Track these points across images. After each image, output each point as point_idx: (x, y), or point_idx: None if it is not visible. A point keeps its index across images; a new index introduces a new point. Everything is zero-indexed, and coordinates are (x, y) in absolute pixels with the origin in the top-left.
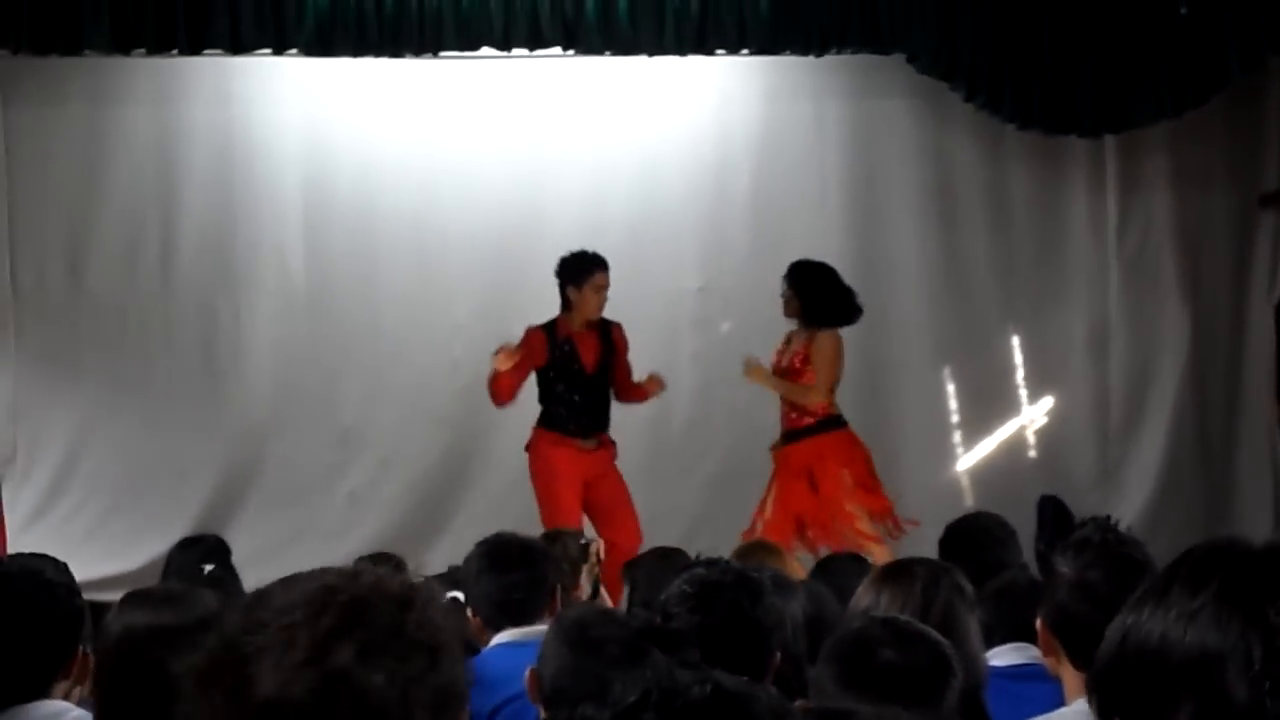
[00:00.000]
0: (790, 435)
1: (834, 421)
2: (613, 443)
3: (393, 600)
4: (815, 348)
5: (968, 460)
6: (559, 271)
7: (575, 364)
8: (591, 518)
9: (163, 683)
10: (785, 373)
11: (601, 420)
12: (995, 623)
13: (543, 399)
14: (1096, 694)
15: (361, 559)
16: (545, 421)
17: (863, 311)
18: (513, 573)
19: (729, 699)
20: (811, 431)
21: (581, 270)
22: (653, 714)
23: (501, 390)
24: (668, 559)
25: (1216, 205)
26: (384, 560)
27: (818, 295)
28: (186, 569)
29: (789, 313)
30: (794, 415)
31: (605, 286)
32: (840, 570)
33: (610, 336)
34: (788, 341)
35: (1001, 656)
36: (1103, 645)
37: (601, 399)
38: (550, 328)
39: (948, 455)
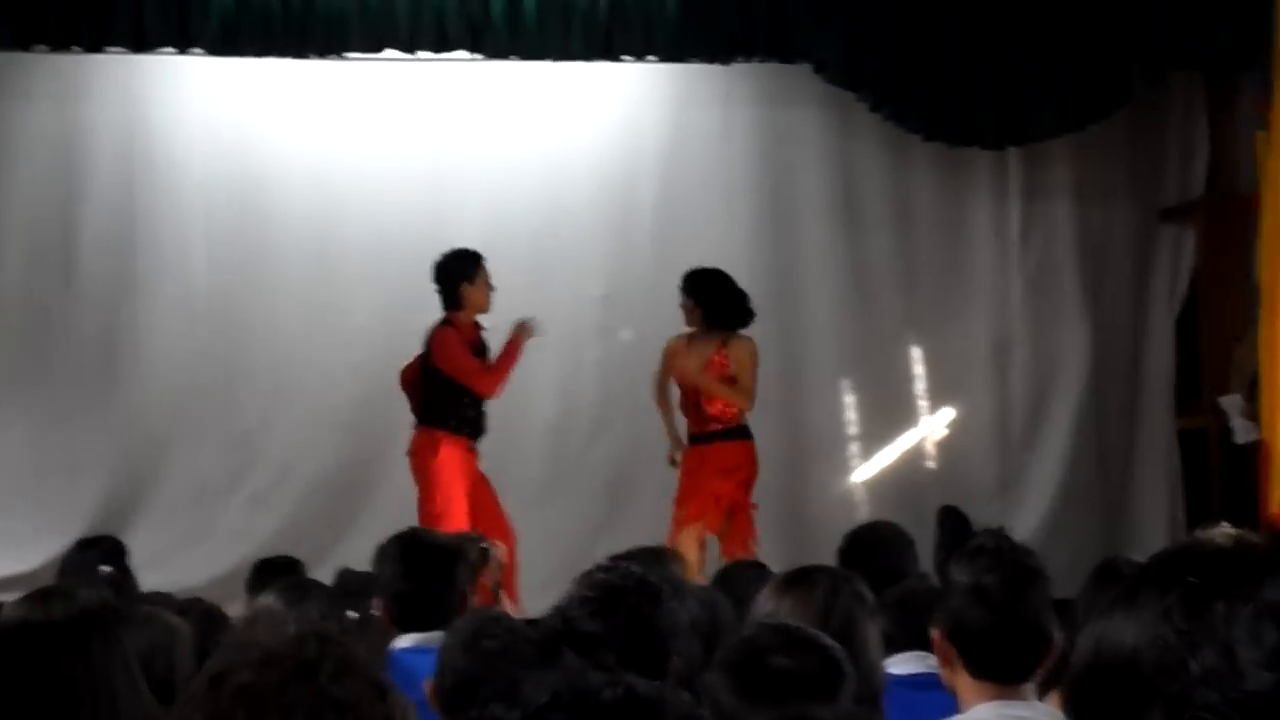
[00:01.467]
0: (695, 439)
1: (739, 431)
2: None
3: None
4: (735, 355)
5: (867, 470)
6: (448, 269)
7: (485, 351)
8: (473, 521)
9: (30, 679)
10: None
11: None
12: (896, 631)
13: (444, 400)
14: (1074, 705)
15: (261, 562)
16: (450, 425)
17: (755, 314)
18: (427, 573)
19: (640, 703)
20: (717, 437)
21: (473, 264)
22: (562, 715)
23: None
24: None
25: (1118, 218)
26: (283, 567)
27: (719, 301)
28: (83, 570)
29: (691, 322)
30: (700, 420)
31: (490, 277)
32: (741, 578)
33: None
34: (688, 346)
35: (901, 665)
36: (1075, 655)
37: None
38: (452, 327)
39: (848, 464)
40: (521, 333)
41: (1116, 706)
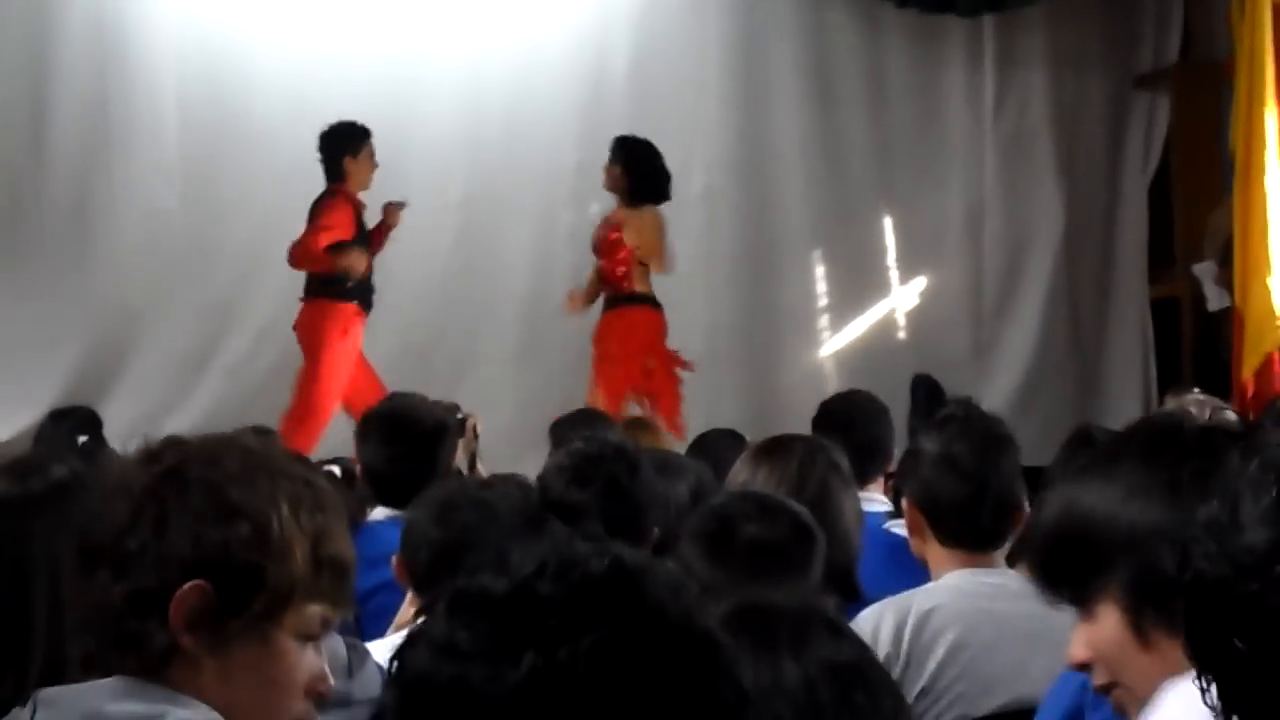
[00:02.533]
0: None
1: (644, 298)
2: None
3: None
4: (640, 224)
5: (839, 340)
6: (333, 142)
7: (365, 234)
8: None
9: (10, 553)
10: (599, 248)
11: None
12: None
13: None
14: (1040, 563)
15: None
16: (354, 296)
17: (670, 196)
18: (410, 451)
19: (627, 572)
20: (622, 302)
21: (359, 139)
22: (549, 585)
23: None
24: (591, 420)
25: (1092, 86)
26: (260, 432)
27: (646, 172)
28: (58, 440)
29: (613, 187)
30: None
31: (374, 154)
32: (716, 446)
33: None
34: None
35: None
36: (1041, 516)
37: None
38: (342, 196)
39: (820, 335)
40: (391, 216)
41: (1083, 566)
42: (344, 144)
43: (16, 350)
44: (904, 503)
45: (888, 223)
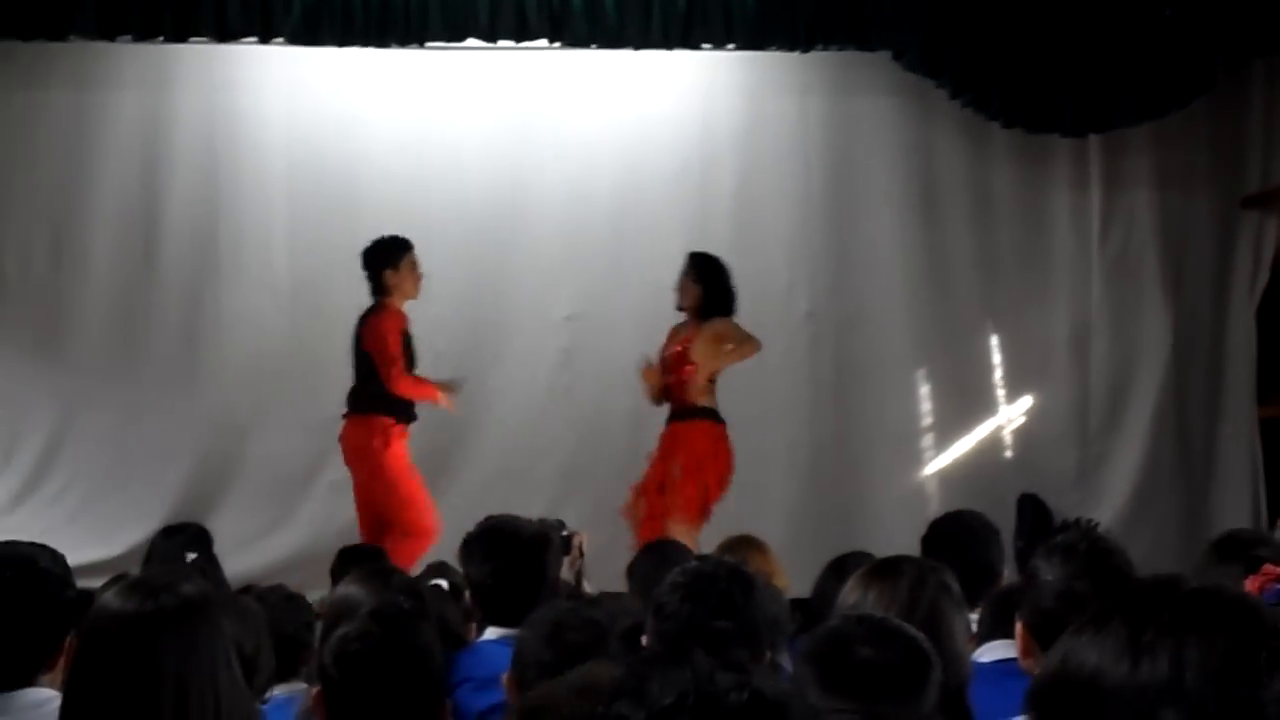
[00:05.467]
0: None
1: (711, 413)
2: None
3: None
4: (715, 334)
5: (944, 459)
6: (371, 256)
7: (412, 350)
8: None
9: (139, 669)
10: (667, 363)
11: None
12: (994, 623)
13: (383, 387)
14: (1035, 709)
15: (346, 549)
16: (394, 411)
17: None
18: (514, 567)
19: (766, 706)
20: (694, 415)
21: (397, 251)
22: (688, 717)
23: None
24: (665, 553)
25: (1199, 206)
26: (367, 555)
27: (719, 289)
28: (169, 556)
29: (686, 302)
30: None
31: (418, 264)
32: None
33: None
34: (674, 333)
35: (994, 651)
36: (1044, 664)
37: None
38: (385, 312)
39: (925, 454)
40: (447, 391)
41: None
42: (383, 258)
43: (128, 466)
44: (1018, 626)
45: (994, 341)
